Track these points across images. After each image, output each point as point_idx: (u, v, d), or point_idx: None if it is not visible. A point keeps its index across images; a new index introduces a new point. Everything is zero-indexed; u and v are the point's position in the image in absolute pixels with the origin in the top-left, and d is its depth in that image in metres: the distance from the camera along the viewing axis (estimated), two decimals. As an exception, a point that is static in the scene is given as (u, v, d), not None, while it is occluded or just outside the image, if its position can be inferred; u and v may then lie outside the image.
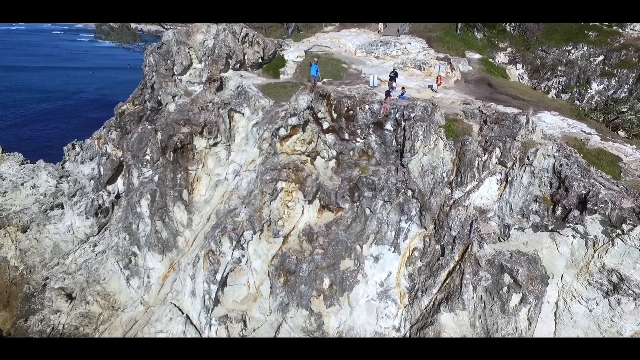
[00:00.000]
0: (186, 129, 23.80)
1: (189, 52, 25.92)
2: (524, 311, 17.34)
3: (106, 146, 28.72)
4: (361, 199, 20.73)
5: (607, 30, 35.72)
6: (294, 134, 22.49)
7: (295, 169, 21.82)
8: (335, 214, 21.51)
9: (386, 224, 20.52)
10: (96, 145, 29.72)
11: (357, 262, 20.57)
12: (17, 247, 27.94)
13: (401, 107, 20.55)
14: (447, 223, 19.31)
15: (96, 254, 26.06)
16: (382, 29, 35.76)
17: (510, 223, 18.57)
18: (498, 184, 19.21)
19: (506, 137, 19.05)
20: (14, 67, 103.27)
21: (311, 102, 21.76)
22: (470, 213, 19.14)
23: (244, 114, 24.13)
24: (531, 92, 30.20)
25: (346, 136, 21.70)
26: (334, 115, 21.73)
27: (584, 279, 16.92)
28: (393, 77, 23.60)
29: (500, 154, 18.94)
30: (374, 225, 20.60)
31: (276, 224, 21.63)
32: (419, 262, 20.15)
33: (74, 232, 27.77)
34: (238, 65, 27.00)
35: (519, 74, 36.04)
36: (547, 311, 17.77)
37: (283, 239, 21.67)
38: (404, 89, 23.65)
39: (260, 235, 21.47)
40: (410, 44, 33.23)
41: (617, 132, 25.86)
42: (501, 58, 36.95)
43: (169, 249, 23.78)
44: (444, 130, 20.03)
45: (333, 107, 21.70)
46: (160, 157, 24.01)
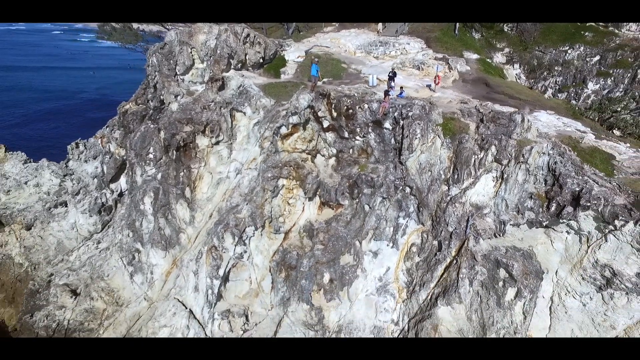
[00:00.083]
0: (189, 128, 24.08)
1: (191, 53, 26.11)
2: (519, 305, 17.57)
3: (109, 145, 29.02)
4: (360, 196, 21.00)
5: (603, 31, 35.96)
6: (294, 133, 22.79)
7: (296, 166, 22.12)
8: (335, 210, 21.79)
9: (385, 220, 20.83)
10: (99, 144, 30.02)
11: (357, 257, 20.90)
12: (22, 244, 28.15)
13: (400, 106, 20.81)
14: (444, 219, 19.62)
15: (100, 251, 26.35)
16: (381, 30, 35.89)
17: (505, 219, 18.86)
18: (494, 181, 19.50)
19: (502, 135, 19.34)
20: (14, 67, 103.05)
21: (312, 101, 22.05)
22: (467, 209, 19.43)
23: (245, 113, 24.40)
24: (528, 91, 30.44)
25: (346, 134, 21.99)
26: (334, 114, 22.01)
27: (578, 274, 17.18)
28: (392, 76, 23.76)
29: (496, 151, 19.21)
30: (373, 222, 20.89)
31: (277, 221, 21.94)
32: (416, 257, 20.44)
33: (77, 230, 28.01)
34: (239, 65, 27.22)
35: (516, 74, 36.23)
36: (543, 306, 18.04)
37: (284, 235, 21.97)
38: (402, 88, 23.92)
39: (261, 232, 21.77)
40: (409, 44, 33.30)
41: (612, 130, 26.17)
42: (499, 58, 37.17)
43: (171, 245, 24.09)
44: (441, 129, 20.31)
45: (333, 106, 21.96)
46: (163, 155, 24.31)
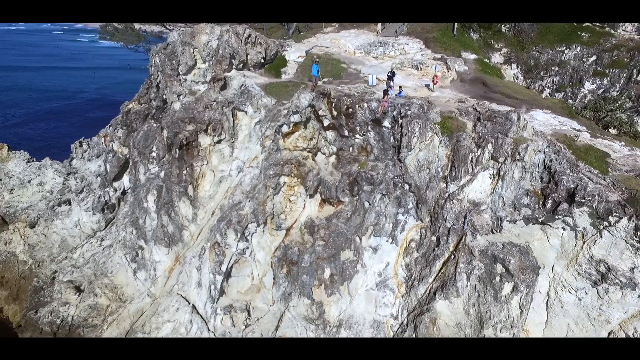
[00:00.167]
0: (191, 127, 24.43)
1: (193, 53, 26.41)
2: (515, 299, 17.94)
3: (112, 144, 29.33)
4: (360, 193, 21.32)
5: (600, 32, 36.30)
6: (295, 131, 23.15)
7: (297, 164, 22.46)
8: (336, 207, 22.11)
9: (384, 216, 21.16)
10: (103, 143, 30.34)
11: (357, 253, 21.23)
12: (26, 242, 28.48)
13: (398, 105, 21.11)
14: (442, 215, 19.97)
15: (103, 248, 26.69)
16: (380, 30, 36.11)
17: (502, 215, 19.24)
18: (491, 178, 19.84)
19: (498, 133, 19.66)
20: (14, 67, 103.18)
21: (312, 100, 22.39)
22: (464, 206, 19.79)
23: (247, 112, 24.75)
24: (525, 91, 30.77)
25: (346, 133, 22.30)
26: (334, 113, 22.31)
27: (573, 269, 17.55)
28: (391, 76, 23.96)
29: (493, 149, 19.55)
30: (373, 218, 21.22)
31: (279, 217, 22.28)
32: (415, 252, 20.79)
33: (81, 228, 28.34)
34: (241, 65, 27.53)
35: (513, 74, 36.55)
36: (539, 301, 18.44)
37: (285, 231, 22.32)
38: (401, 88, 24.22)
39: (263, 228, 22.13)
40: (408, 44, 33.53)
41: (608, 129, 26.56)
42: (496, 58, 37.48)
43: (174, 242, 24.45)
44: (439, 127, 20.64)
45: (333, 105, 22.26)
46: (166, 154, 24.68)
